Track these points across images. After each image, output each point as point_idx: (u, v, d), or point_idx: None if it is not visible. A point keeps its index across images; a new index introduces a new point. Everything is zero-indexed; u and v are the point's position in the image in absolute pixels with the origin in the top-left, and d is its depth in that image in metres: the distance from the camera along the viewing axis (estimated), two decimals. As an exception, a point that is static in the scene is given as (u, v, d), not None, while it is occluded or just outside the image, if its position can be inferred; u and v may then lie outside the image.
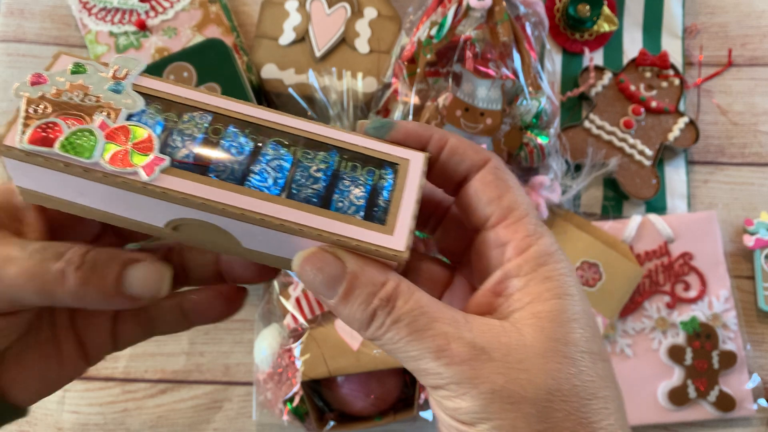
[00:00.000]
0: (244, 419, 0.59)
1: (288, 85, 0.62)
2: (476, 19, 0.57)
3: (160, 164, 0.24)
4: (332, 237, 0.25)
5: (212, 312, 0.31)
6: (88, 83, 0.26)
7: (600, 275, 0.61)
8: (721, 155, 0.67)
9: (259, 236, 0.26)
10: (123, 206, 0.26)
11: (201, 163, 0.25)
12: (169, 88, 0.27)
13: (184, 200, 0.24)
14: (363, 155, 0.27)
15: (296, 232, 0.25)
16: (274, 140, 0.27)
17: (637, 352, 0.60)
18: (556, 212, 0.62)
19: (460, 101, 0.57)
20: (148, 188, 0.24)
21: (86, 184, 0.25)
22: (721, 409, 0.58)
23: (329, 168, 0.26)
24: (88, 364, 0.31)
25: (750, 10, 0.72)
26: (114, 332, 0.31)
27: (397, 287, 0.24)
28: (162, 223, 0.26)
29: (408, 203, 0.26)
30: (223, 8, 0.66)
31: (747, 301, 0.62)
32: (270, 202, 0.25)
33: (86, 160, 0.24)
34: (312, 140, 0.27)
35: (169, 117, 0.26)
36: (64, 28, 0.69)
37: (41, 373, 0.30)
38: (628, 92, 0.66)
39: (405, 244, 0.25)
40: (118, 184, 0.24)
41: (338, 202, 0.26)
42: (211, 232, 0.26)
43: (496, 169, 0.27)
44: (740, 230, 0.64)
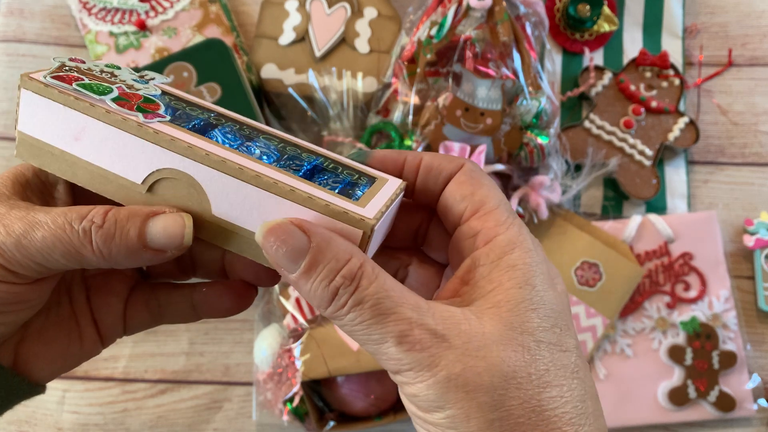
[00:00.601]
0: (244, 419, 0.59)
1: (288, 85, 0.62)
2: (476, 19, 0.57)
3: (161, 117, 0.27)
4: (303, 194, 0.25)
5: (221, 306, 0.31)
6: (117, 72, 0.29)
7: (600, 275, 0.60)
8: (721, 155, 0.67)
9: (231, 196, 0.26)
10: (110, 155, 0.27)
11: (200, 129, 0.28)
12: (187, 96, 0.30)
13: (171, 142, 0.26)
14: (345, 164, 0.29)
15: (270, 187, 0.25)
16: (266, 137, 0.29)
17: (637, 352, 0.60)
18: (556, 212, 0.62)
19: (460, 101, 0.57)
20: (142, 128, 0.26)
21: (86, 124, 0.26)
22: (721, 409, 0.58)
23: (313, 162, 0.28)
24: (103, 345, 0.32)
25: (750, 10, 0.72)
26: (125, 315, 0.32)
27: (362, 266, 0.24)
28: (141, 178, 0.27)
29: (382, 197, 0.27)
30: (223, 8, 0.66)
31: (747, 301, 0.62)
32: (251, 161, 0.26)
33: (95, 96, 0.26)
34: (301, 146, 0.30)
35: (179, 106, 0.29)
36: (64, 28, 0.69)
37: (63, 349, 0.30)
38: (628, 92, 0.66)
39: (374, 214, 0.26)
40: (117, 122, 0.26)
41: (317, 180, 0.27)
42: (186, 191, 0.27)
43: (470, 171, 0.28)
44: (740, 230, 0.64)
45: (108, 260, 0.26)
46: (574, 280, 0.61)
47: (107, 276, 0.32)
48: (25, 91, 0.27)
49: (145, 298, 0.32)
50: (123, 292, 0.32)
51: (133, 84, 0.28)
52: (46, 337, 0.30)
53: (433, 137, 0.57)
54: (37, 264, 0.26)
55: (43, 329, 0.30)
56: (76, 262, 0.26)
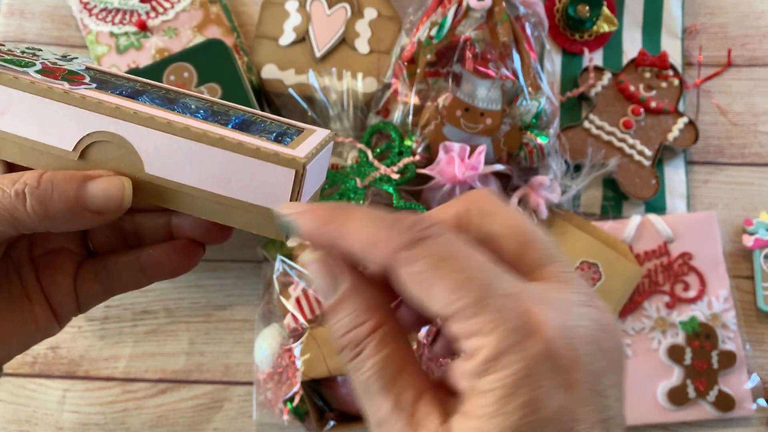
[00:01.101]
0: (244, 419, 0.59)
1: (288, 85, 0.62)
2: (476, 19, 0.57)
3: (87, 85, 0.27)
4: (233, 141, 0.25)
5: (169, 265, 0.31)
6: (39, 53, 0.29)
7: (599, 275, 0.61)
8: (720, 155, 0.67)
9: (162, 151, 0.26)
10: (38, 126, 0.27)
11: (127, 95, 0.28)
12: (113, 71, 0.31)
13: (99, 105, 0.26)
14: (273, 119, 0.30)
15: (199, 137, 0.26)
16: (193, 99, 0.30)
17: (637, 352, 0.60)
18: (555, 212, 0.62)
19: (460, 101, 0.57)
20: (69, 94, 0.26)
21: (9, 97, 0.26)
22: (720, 408, 0.58)
23: (240, 117, 0.29)
24: (59, 324, 0.32)
25: (749, 10, 0.72)
26: (75, 290, 0.32)
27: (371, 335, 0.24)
28: (72, 145, 0.27)
29: (312, 142, 0.27)
30: (223, 9, 0.66)
31: (746, 301, 0.62)
32: (179, 116, 0.27)
33: (19, 68, 0.26)
34: (229, 105, 0.30)
35: (105, 78, 0.29)
36: (65, 28, 0.69)
37: (17, 328, 0.30)
38: (627, 92, 0.67)
39: (305, 153, 0.26)
40: (42, 91, 0.26)
41: (246, 132, 0.27)
42: (117, 153, 0.27)
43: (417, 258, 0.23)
44: (740, 230, 0.64)
45: (44, 221, 0.26)
46: (573, 280, 0.61)
47: (54, 254, 0.32)
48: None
49: (94, 270, 0.32)
50: (71, 268, 0.32)
51: (56, 61, 0.28)
52: (0, 316, 0.30)
53: (433, 137, 0.57)
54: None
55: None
56: (11, 225, 0.26)
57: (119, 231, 0.33)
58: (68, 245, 0.32)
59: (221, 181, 0.26)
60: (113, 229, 0.33)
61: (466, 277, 0.21)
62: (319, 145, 0.27)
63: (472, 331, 0.21)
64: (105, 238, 0.33)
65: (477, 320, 0.21)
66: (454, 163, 0.55)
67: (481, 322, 0.21)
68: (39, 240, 0.32)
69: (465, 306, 0.21)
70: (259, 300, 0.61)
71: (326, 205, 0.24)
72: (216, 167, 0.26)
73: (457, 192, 0.56)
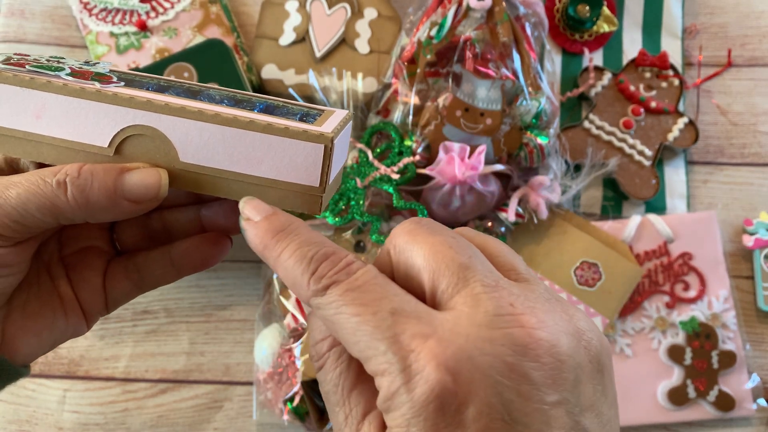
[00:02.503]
0: (244, 419, 0.59)
1: (288, 85, 0.62)
2: (476, 19, 0.57)
3: (116, 84, 0.28)
4: (263, 123, 0.27)
5: (199, 256, 0.32)
6: (63, 61, 0.30)
7: (600, 275, 0.61)
8: (720, 155, 0.67)
9: (195, 139, 0.27)
10: (73, 126, 0.28)
11: (154, 91, 0.29)
12: (135, 71, 0.32)
13: (131, 100, 0.27)
14: (295, 103, 0.31)
15: (230, 122, 0.27)
16: (215, 90, 0.31)
17: (637, 352, 0.60)
18: (555, 212, 0.62)
19: (460, 101, 0.57)
20: (101, 93, 0.27)
21: (44, 101, 0.27)
22: (720, 408, 0.58)
23: (264, 103, 0.30)
24: (87, 323, 0.32)
25: (749, 10, 0.72)
26: (104, 287, 0.32)
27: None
28: (107, 141, 0.28)
29: (334, 120, 0.29)
30: (223, 9, 0.66)
31: (746, 301, 0.62)
32: (210, 104, 0.28)
33: (51, 72, 0.27)
34: (251, 94, 0.31)
35: (130, 77, 0.30)
36: (65, 28, 0.69)
37: (48, 323, 0.31)
38: (627, 92, 0.67)
39: (331, 129, 0.27)
40: (75, 92, 0.27)
41: (273, 114, 0.29)
42: (152, 145, 0.28)
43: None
44: (740, 230, 0.64)
45: (83, 209, 0.27)
46: (573, 280, 0.61)
47: (83, 252, 0.32)
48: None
49: (123, 267, 0.32)
50: (100, 266, 0.32)
51: (81, 66, 0.29)
52: (31, 310, 0.30)
53: (433, 137, 0.57)
54: (13, 222, 0.27)
55: (27, 303, 0.30)
56: (51, 214, 0.27)
57: (147, 229, 0.33)
58: (97, 243, 0.33)
59: (254, 162, 0.28)
60: (141, 227, 0.33)
61: (362, 321, 0.22)
62: (342, 123, 0.29)
63: (374, 372, 0.22)
64: (132, 236, 0.33)
65: (374, 362, 0.22)
66: (454, 163, 0.55)
67: (377, 363, 0.22)
68: (68, 239, 0.32)
69: (364, 348, 0.22)
70: (259, 300, 0.61)
71: (274, 223, 0.25)
72: (248, 149, 0.27)
73: (457, 192, 0.56)
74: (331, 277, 0.23)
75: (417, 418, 0.21)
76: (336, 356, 0.25)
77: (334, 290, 0.23)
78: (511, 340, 0.22)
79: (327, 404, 0.25)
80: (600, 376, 0.24)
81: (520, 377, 0.21)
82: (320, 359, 0.25)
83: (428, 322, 0.22)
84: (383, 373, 0.22)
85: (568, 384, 0.22)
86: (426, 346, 0.21)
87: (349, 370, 0.24)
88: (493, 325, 0.22)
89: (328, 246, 0.25)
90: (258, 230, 0.26)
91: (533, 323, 0.22)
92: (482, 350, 0.21)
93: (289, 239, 0.25)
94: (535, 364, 0.22)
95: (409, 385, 0.21)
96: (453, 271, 0.23)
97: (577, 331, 0.23)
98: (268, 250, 0.25)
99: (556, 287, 0.61)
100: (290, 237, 0.25)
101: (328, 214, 0.57)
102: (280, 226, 0.25)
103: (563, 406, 0.22)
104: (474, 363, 0.21)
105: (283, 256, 0.25)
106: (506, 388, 0.21)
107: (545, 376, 0.22)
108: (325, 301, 0.23)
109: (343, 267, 0.24)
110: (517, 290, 0.23)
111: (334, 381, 0.25)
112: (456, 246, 0.24)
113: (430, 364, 0.21)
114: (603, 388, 0.24)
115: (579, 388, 0.23)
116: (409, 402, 0.21)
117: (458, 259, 0.23)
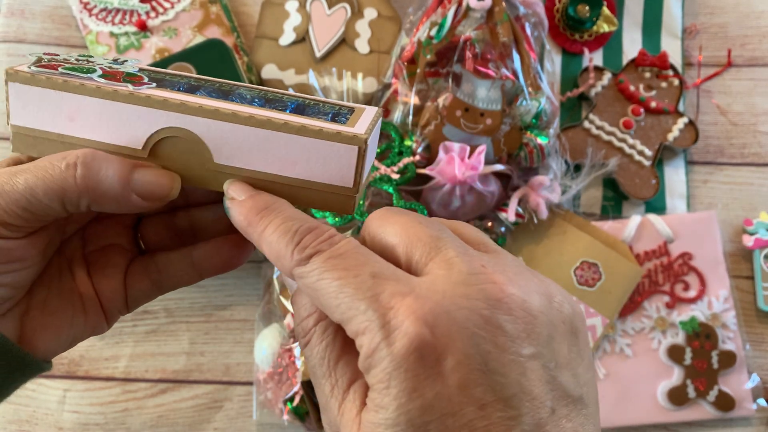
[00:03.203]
0: (244, 419, 0.59)
1: (288, 85, 0.63)
2: (476, 19, 0.57)
3: (148, 85, 0.28)
4: (297, 125, 0.27)
5: (221, 258, 0.32)
6: (92, 59, 0.30)
7: (600, 275, 0.61)
8: (720, 155, 0.67)
9: (230, 140, 0.27)
10: (107, 128, 0.28)
11: (185, 90, 0.29)
12: (163, 69, 0.32)
13: (165, 102, 0.27)
14: (325, 101, 0.31)
15: (264, 124, 0.27)
16: (245, 89, 0.31)
17: (637, 352, 0.60)
18: (555, 212, 0.62)
19: (460, 101, 0.57)
20: (134, 95, 0.27)
21: (77, 104, 0.27)
22: (720, 408, 0.58)
23: (295, 102, 0.30)
24: (107, 321, 0.32)
25: (749, 10, 0.72)
26: (125, 285, 0.32)
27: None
28: (141, 143, 0.28)
29: (366, 119, 0.29)
30: (223, 9, 0.66)
31: (746, 301, 0.62)
32: (243, 106, 0.28)
33: (83, 74, 0.27)
34: (280, 92, 0.31)
35: (160, 77, 0.30)
36: (65, 28, 0.69)
37: (68, 319, 0.31)
38: (627, 92, 0.67)
39: (364, 130, 0.27)
40: (109, 94, 0.27)
41: (304, 115, 0.29)
42: (186, 147, 0.28)
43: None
44: (739, 230, 0.64)
45: (91, 193, 0.27)
46: (573, 279, 0.61)
47: (105, 250, 0.32)
48: (13, 84, 0.27)
49: (144, 266, 0.32)
50: (122, 264, 0.32)
51: (111, 65, 0.29)
52: (51, 307, 0.30)
53: (433, 137, 0.57)
54: (22, 209, 0.26)
55: (47, 300, 0.30)
56: (58, 198, 0.27)
57: (173, 228, 0.33)
58: (120, 242, 0.33)
59: (287, 163, 0.28)
60: (167, 225, 0.33)
61: (344, 283, 0.23)
62: (373, 122, 0.29)
63: (355, 332, 0.23)
64: (157, 234, 0.33)
65: (355, 322, 0.23)
66: (454, 163, 0.55)
67: (357, 323, 0.22)
68: (92, 237, 0.32)
69: (345, 310, 0.23)
70: (259, 300, 0.61)
71: (258, 201, 0.27)
72: (282, 151, 0.27)
73: (457, 192, 0.56)
74: (315, 246, 0.24)
75: (397, 370, 0.21)
76: (322, 330, 0.25)
77: (317, 258, 0.24)
78: (485, 295, 0.23)
79: (313, 379, 0.26)
80: (575, 339, 0.25)
81: (495, 329, 0.22)
82: (306, 335, 0.26)
83: (406, 283, 0.23)
84: (364, 331, 0.22)
85: (542, 338, 0.23)
86: (404, 303, 0.22)
87: (334, 342, 0.25)
88: (467, 282, 0.23)
89: (311, 221, 0.25)
90: (242, 208, 0.27)
91: (504, 280, 0.23)
92: (458, 305, 0.22)
93: (273, 215, 0.26)
94: (508, 317, 0.23)
95: (388, 339, 0.22)
96: (425, 241, 0.24)
97: (549, 293, 0.25)
98: (252, 226, 0.26)
99: (556, 287, 0.61)
100: (274, 213, 0.26)
101: (329, 214, 0.57)
102: (264, 204, 0.26)
103: (538, 359, 0.23)
104: (451, 316, 0.22)
105: (268, 230, 0.25)
106: (483, 339, 0.22)
107: (519, 329, 0.23)
108: (308, 269, 0.24)
109: (326, 238, 0.25)
110: (488, 257, 0.25)
111: (320, 354, 0.25)
112: (425, 221, 0.25)
113: (409, 318, 0.22)
114: (578, 350, 0.25)
115: (553, 344, 0.24)
116: (389, 356, 0.22)
117: (428, 231, 0.25)
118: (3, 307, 0.29)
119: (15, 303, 0.29)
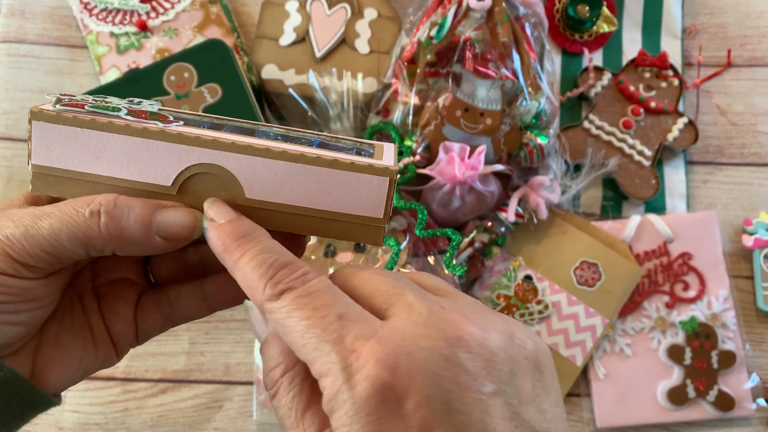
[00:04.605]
0: (244, 419, 0.59)
1: (288, 85, 0.63)
2: (476, 19, 0.57)
3: (176, 122, 0.28)
4: (329, 159, 0.27)
5: (232, 292, 0.32)
6: (108, 99, 0.30)
7: (599, 275, 0.61)
8: (720, 155, 0.67)
9: (263, 176, 0.28)
10: (135, 166, 0.28)
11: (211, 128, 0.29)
12: (181, 110, 0.32)
13: (197, 139, 0.27)
14: (343, 138, 0.31)
15: (298, 158, 0.27)
16: (266, 128, 0.31)
17: (637, 352, 0.60)
18: (555, 212, 0.62)
19: (460, 101, 0.57)
20: (165, 132, 0.27)
21: (105, 142, 0.27)
22: (720, 408, 0.58)
23: (317, 139, 0.30)
24: (117, 355, 0.32)
25: (749, 10, 0.72)
26: (135, 320, 0.32)
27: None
28: (170, 180, 0.28)
29: (389, 154, 0.29)
30: (223, 9, 0.66)
31: (746, 300, 0.62)
32: (272, 141, 0.28)
33: (111, 112, 0.27)
34: (300, 130, 0.32)
35: (181, 116, 0.30)
36: (65, 28, 0.69)
37: (78, 354, 0.31)
38: (627, 93, 0.67)
39: (393, 162, 0.28)
40: (139, 131, 0.27)
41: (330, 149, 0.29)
42: (216, 183, 0.28)
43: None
44: (739, 230, 0.64)
45: (115, 241, 0.27)
46: (573, 279, 0.61)
47: (116, 284, 0.32)
48: (37, 123, 0.27)
49: (155, 300, 0.32)
50: (132, 298, 0.32)
51: (130, 105, 0.29)
52: (62, 342, 0.30)
53: (433, 138, 0.57)
54: (45, 253, 0.26)
55: (59, 334, 0.30)
56: (82, 245, 0.27)
57: (182, 263, 0.33)
58: (130, 276, 0.32)
59: (319, 196, 0.28)
60: (176, 261, 0.33)
61: (311, 324, 0.23)
62: (396, 156, 0.30)
63: (319, 373, 0.23)
64: (167, 269, 0.33)
65: (318, 363, 0.23)
66: (454, 163, 0.55)
67: (321, 364, 0.23)
68: (102, 270, 0.32)
69: (311, 350, 0.23)
70: (260, 300, 0.61)
71: (238, 227, 0.27)
72: (314, 184, 0.28)
73: (457, 192, 0.56)
74: (287, 283, 0.25)
75: (359, 414, 0.22)
76: (289, 380, 0.25)
77: (288, 295, 0.24)
78: (445, 334, 0.23)
79: (282, 429, 0.26)
80: (539, 374, 0.25)
81: (456, 367, 0.23)
82: (274, 386, 0.26)
83: (370, 325, 0.23)
84: (327, 373, 0.23)
85: (503, 375, 0.23)
86: (367, 346, 0.22)
87: (302, 393, 0.25)
88: (427, 323, 0.23)
89: (287, 256, 0.26)
90: (221, 232, 0.27)
91: (463, 319, 0.24)
92: (419, 345, 0.23)
93: (251, 245, 0.26)
94: (468, 355, 0.23)
95: (350, 383, 0.22)
96: (384, 289, 0.25)
97: (509, 331, 0.25)
98: (228, 252, 0.26)
99: (555, 287, 0.61)
100: (252, 243, 0.26)
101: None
102: (243, 232, 0.26)
103: (501, 396, 0.23)
104: (411, 357, 0.22)
105: (243, 260, 0.26)
106: (444, 378, 0.22)
107: (479, 366, 0.23)
108: (278, 305, 0.24)
109: (299, 275, 0.25)
110: (446, 300, 0.26)
111: (288, 405, 0.25)
112: (383, 273, 0.26)
113: (370, 361, 0.22)
114: (544, 386, 0.25)
115: (515, 381, 0.24)
116: (351, 399, 0.22)
117: (387, 280, 0.26)
118: (17, 345, 0.28)
119: (29, 339, 0.29)
